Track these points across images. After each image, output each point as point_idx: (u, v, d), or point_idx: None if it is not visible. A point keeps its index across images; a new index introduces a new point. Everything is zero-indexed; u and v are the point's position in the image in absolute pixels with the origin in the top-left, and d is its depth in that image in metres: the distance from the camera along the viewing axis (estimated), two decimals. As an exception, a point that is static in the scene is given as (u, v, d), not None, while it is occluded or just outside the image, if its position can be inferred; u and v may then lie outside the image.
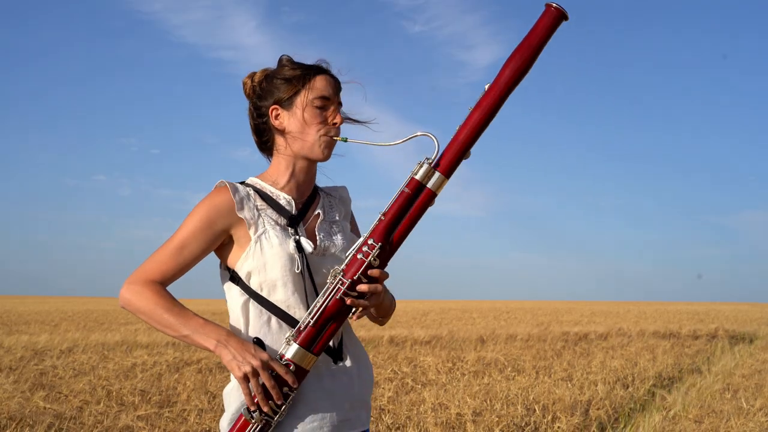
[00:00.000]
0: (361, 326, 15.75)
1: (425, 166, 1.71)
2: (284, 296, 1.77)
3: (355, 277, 1.68)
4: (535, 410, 5.99)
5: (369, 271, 1.70)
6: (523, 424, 5.58)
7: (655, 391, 7.43)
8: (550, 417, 5.78)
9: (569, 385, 7.40)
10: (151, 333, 13.80)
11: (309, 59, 1.88)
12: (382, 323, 1.90)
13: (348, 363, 1.83)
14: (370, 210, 1.81)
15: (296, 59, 1.88)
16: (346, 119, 1.89)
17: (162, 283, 1.76)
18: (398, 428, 5.39)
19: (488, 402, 6.30)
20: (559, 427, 5.51)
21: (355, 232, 2.01)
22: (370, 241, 1.70)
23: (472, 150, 1.74)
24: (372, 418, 5.57)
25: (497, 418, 5.59)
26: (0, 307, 33.03)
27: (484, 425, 5.45)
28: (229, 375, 1.79)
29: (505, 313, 28.39)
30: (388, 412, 5.78)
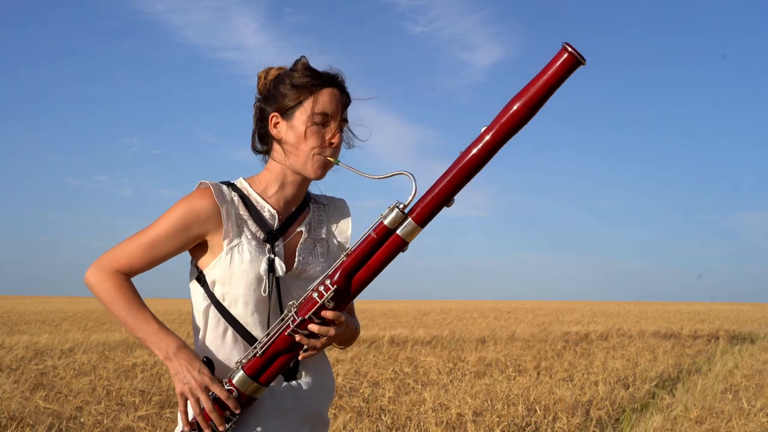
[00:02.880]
0: (360, 326, 15.75)
1: (395, 212, 1.57)
2: (243, 313, 1.72)
3: (306, 316, 1.61)
4: (536, 410, 5.98)
5: (322, 312, 1.61)
6: (523, 425, 5.57)
7: (656, 392, 7.42)
8: (551, 417, 5.77)
9: (570, 385, 7.40)
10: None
11: (322, 66, 1.78)
12: (342, 348, 1.85)
13: (303, 379, 1.77)
14: (371, 210, 1.75)
15: (315, 65, 1.78)
16: (345, 138, 1.79)
17: (128, 274, 1.72)
18: (399, 428, 5.38)
19: (489, 402, 6.29)
20: (560, 428, 5.50)
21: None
22: (327, 282, 1.61)
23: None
24: (372, 418, 5.56)
25: (498, 419, 5.59)
26: (0, 307, 33.04)
27: (485, 425, 5.44)
28: None
29: (505, 313, 28.38)
30: (389, 412, 5.78)
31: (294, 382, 1.76)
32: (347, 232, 1.90)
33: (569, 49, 1.47)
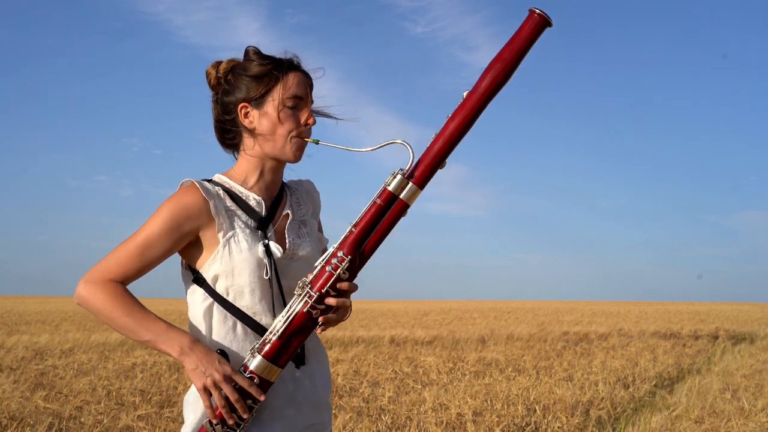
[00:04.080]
0: (360, 326, 15.74)
1: (399, 177, 1.65)
2: (251, 303, 1.71)
3: (323, 290, 1.63)
4: (535, 410, 5.98)
5: (338, 284, 1.64)
6: (523, 425, 5.57)
7: (656, 392, 7.42)
8: (550, 417, 5.77)
9: (570, 385, 7.40)
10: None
11: (276, 52, 1.79)
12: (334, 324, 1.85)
13: (310, 366, 1.79)
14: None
15: (265, 52, 1.79)
16: (316, 113, 1.81)
17: (122, 283, 1.68)
18: (398, 428, 5.38)
19: (489, 402, 6.30)
20: (559, 428, 5.50)
21: (320, 229, 1.95)
22: (339, 254, 1.64)
23: (448, 159, 1.67)
24: (372, 418, 5.57)
25: (498, 418, 5.59)
26: (0, 307, 33.05)
27: (485, 425, 5.44)
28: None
29: (505, 313, 28.38)
30: (389, 412, 5.78)
31: (303, 369, 1.77)
32: (319, 210, 1.95)
33: (537, 11, 1.62)
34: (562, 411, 5.97)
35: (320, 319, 1.64)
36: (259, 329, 1.72)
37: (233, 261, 1.70)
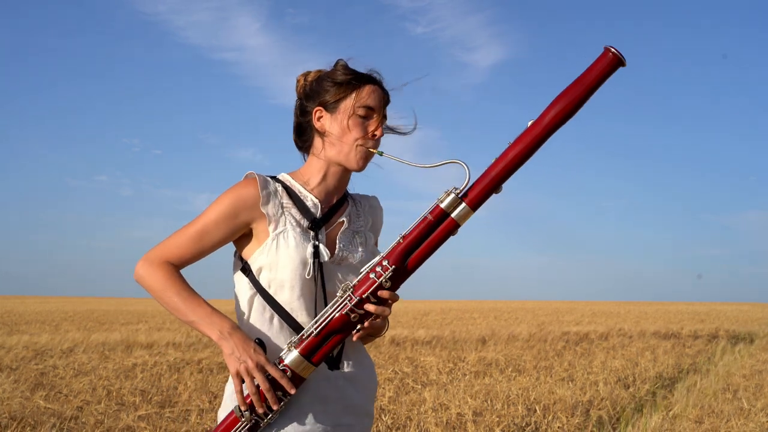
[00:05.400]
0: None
1: (452, 196, 1.68)
2: (289, 298, 1.76)
3: (364, 296, 1.67)
4: (535, 410, 5.98)
5: (379, 292, 1.68)
6: (523, 425, 5.57)
7: (656, 392, 7.43)
8: (550, 417, 5.77)
9: (570, 385, 7.40)
10: (151, 333, 13.80)
11: (362, 68, 1.87)
12: (367, 342, 1.87)
13: (346, 369, 1.81)
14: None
15: (351, 66, 1.87)
16: (388, 129, 1.87)
17: (177, 266, 1.76)
18: (398, 428, 5.38)
19: (489, 402, 6.30)
20: (559, 428, 5.50)
21: (376, 244, 1.98)
22: (384, 262, 1.68)
23: (505, 185, 1.71)
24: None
25: (498, 419, 5.59)
26: (1, 307, 33.04)
27: (485, 425, 5.45)
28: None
29: (505, 313, 28.38)
30: (389, 412, 5.78)
31: (339, 372, 1.79)
32: (380, 227, 1.99)
33: (612, 50, 1.61)
34: (562, 411, 5.97)
35: (353, 317, 1.67)
36: (296, 326, 1.76)
37: (279, 255, 1.75)
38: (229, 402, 1.77)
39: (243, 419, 1.68)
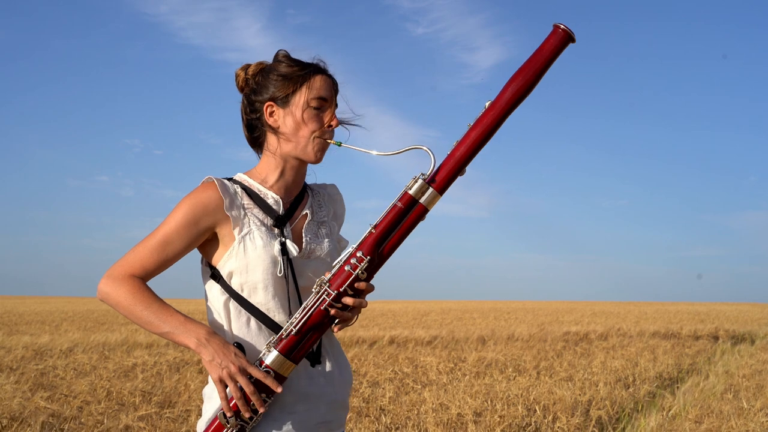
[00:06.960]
0: (360, 326, 15.75)
1: (419, 182, 1.68)
2: (264, 299, 1.74)
3: (341, 289, 1.66)
4: (535, 410, 5.99)
5: (355, 284, 1.67)
6: (523, 425, 5.58)
7: (656, 392, 7.43)
8: (550, 417, 5.78)
9: (570, 385, 7.40)
10: (151, 333, 13.78)
11: (306, 57, 1.83)
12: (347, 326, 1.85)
13: (326, 365, 1.81)
14: (370, 211, 1.78)
15: (293, 56, 1.83)
16: (343, 122, 1.85)
17: (143, 278, 1.72)
18: (398, 428, 5.38)
19: (489, 402, 6.30)
20: (559, 428, 5.50)
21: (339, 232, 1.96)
22: (358, 254, 1.67)
23: (468, 167, 1.71)
24: (372, 418, 5.57)
25: (498, 419, 5.59)
26: (1, 308, 33.05)
27: (485, 425, 5.45)
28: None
29: (505, 314, 28.38)
30: (389, 412, 5.78)
31: (319, 368, 1.79)
32: (342, 214, 1.97)
33: (561, 27, 1.66)
34: (562, 411, 5.98)
35: (332, 312, 1.66)
36: (273, 326, 1.74)
37: (248, 258, 1.73)
38: (209, 409, 1.74)
39: (228, 425, 1.65)
